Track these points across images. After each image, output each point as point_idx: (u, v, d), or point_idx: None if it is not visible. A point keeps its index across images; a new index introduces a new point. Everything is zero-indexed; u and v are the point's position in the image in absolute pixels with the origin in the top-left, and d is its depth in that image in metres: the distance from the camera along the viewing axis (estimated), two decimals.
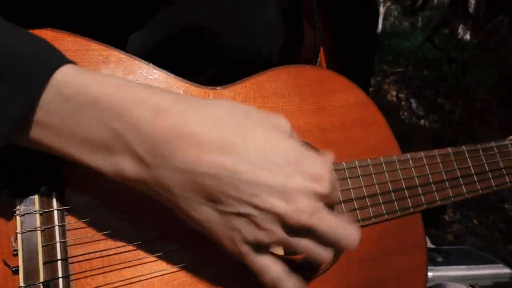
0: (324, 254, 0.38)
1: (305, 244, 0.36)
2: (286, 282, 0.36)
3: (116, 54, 0.44)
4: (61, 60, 0.32)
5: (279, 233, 0.34)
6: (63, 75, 0.32)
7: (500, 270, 1.31)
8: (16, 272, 0.35)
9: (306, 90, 0.55)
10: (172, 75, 0.46)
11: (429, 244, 1.80)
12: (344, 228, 0.37)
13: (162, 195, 0.34)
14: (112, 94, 0.32)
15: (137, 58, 0.45)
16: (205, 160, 0.32)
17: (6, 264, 0.35)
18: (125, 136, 0.31)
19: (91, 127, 0.31)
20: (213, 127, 0.33)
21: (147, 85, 0.35)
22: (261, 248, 0.36)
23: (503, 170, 0.64)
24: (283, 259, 0.37)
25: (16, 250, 0.35)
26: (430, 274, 1.34)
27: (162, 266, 0.40)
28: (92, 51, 0.42)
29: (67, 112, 0.31)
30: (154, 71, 0.45)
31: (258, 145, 0.34)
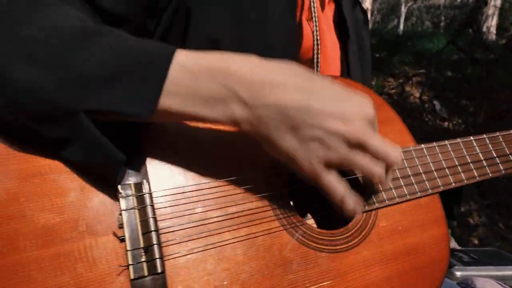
0: (377, 168, 0.49)
1: (362, 158, 0.48)
2: (349, 199, 0.49)
3: None
4: (173, 47, 0.44)
5: (343, 149, 0.46)
6: (182, 57, 0.44)
7: None
8: (122, 240, 0.45)
9: None
10: None
11: (456, 246, 1.82)
12: (389, 146, 0.49)
13: (261, 130, 0.46)
14: (219, 61, 0.45)
15: None
16: (289, 97, 0.45)
17: (115, 234, 0.45)
18: (234, 88, 0.44)
19: (209, 87, 0.44)
20: (293, 74, 0.47)
21: (239, 55, 0.47)
22: (331, 168, 0.48)
23: (509, 156, 0.72)
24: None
25: (121, 224, 0.46)
26: (458, 273, 1.38)
27: (234, 234, 0.50)
28: None
29: (192, 81, 0.43)
30: None
31: (327, 86, 0.48)
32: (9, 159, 0.45)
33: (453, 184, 0.66)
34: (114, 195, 0.47)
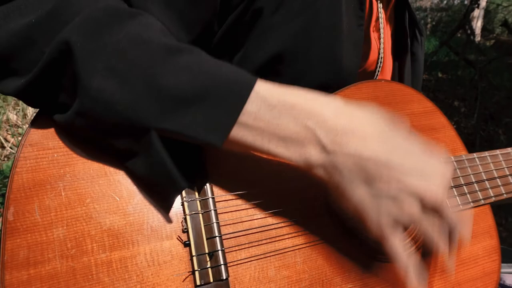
0: (441, 239, 0.44)
1: (432, 224, 0.44)
2: (412, 271, 0.45)
3: None
4: (254, 77, 0.42)
5: (417, 211, 0.42)
6: (263, 88, 0.42)
7: None
8: (187, 245, 0.45)
9: (383, 100, 0.65)
10: None
11: None
12: (460, 219, 0.45)
13: (333, 177, 0.43)
14: (304, 101, 0.42)
15: None
16: (369, 149, 0.42)
17: (179, 239, 0.45)
18: (315, 130, 0.41)
19: (289, 126, 0.41)
20: (375, 125, 0.43)
21: (322, 94, 0.45)
22: (397, 228, 0.43)
23: None
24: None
25: (186, 228, 0.45)
26: None
27: (294, 242, 0.49)
28: None
29: (272, 116, 0.41)
30: None
31: (408, 142, 0.44)
32: (75, 159, 0.44)
33: (505, 195, 0.65)
34: (178, 199, 0.46)
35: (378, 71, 0.73)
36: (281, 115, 0.42)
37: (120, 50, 0.40)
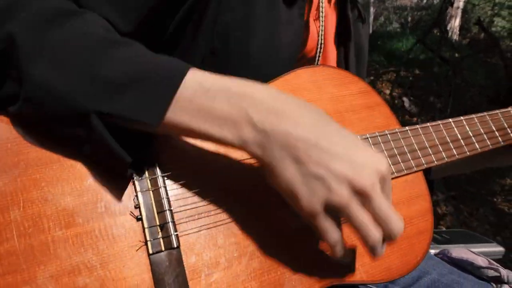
0: (374, 232, 0.45)
1: (362, 213, 0.45)
2: (340, 248, 0.48)
3: None
4: (189, 65, 0.46)
5: (346, 194, 0.44)
6: (199, 74, 0.45)
7: (494, 248, 1.43)
8: (139, 219, 0.49)
9: (322, 84, 0.71)
10: None
11: None
12: (394, 213, 0.46)
13: (264, 156, 0.45)
14: (238, 85, 0.46)
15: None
16: (301, 130, 0.44)
17: (132, 214, 0.49)
18: (248, 111, 0.44)
19: (223, 107, 0.45)
20: (308, 111, 0.47)
21: (262, 84, 0.48)
22: (329, 212, 0.45)
23: (484, 135, 0.79)
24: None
25: (137, 205, 0.49)
26: (432, 251, 1.46)
27: (241, 212, 0.54)
28: None
29: (206, 99, 0.45)
30: None
31: (341, 132, 0.47)
32: (29, 147, 0.48)
33: (435, 162, 0.72)
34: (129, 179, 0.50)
35: (319, 57, 0.79)
36: (215, 97, 0.45)
37: (62, 42, 0.44)
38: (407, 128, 0.73)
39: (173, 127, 0.46)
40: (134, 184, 0.50)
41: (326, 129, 0.46)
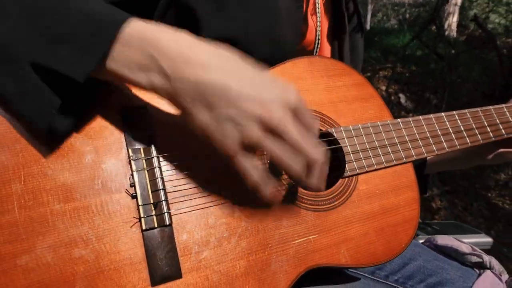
0: (294, 161, 0.47)
1: (278, 147, 0.46)
2: (264, 188, 0.49)
3: None
4: (125, 17, 0.47)
5: (257, 132, 0.45)
6: (130, 27, 0.47)
7: (482, 239, 1.46)
8: (134, 197, 0.51)
9: (317, 74, 0.72)
10: None
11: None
12: (312, 140, 0.47)
13: (179, 102, 0.47)
14: (151, 33, 0.47)
15: None
16: (207, 76, 0.46)
17: (127, 192, 0.51)
18: (157, 59, 0.46)
19: (138, 55, 0.46)
20: (217, 56, 0.48)
21: (175, 30, 0.48)
22: (248, 152, 0.47)
23: (475, 129, 0.81)
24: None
25: (133, 183, 0.52)
26: (421, 241, 1.49)
27: (233, 193, 0.56)
28: None
29: (129, 50, 0.46)
30: None
31: (248, 72, 0.48)
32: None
33: (425, 154, 0.74)
34: (126, 158, 0.53)
35: (316, 51, 0.81)
36: (132, 45, 0.46)
37: None
38: (399, 120, 0.74)
39: (104, 74, 0.48)
40: (130, 163, 0.52)
41: (236, 71, 0.47)
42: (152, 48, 0.46)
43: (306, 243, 0.59)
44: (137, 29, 0.47)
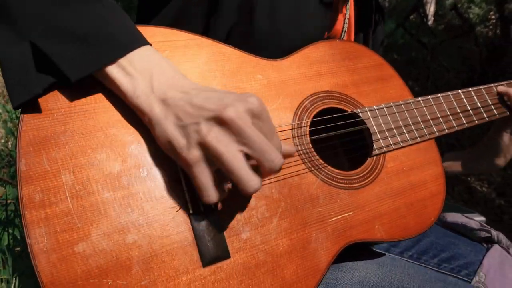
0: (239, 161, 0.45)
1: (227, 143, 0.45)
2: (209, 194, 0.47)
3: (198, 39, 0.62)
4: (137, 43, 0.51)
5: (215, 131, 0.45)
6: (137, 55, 0.50)
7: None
8: (179, 182, 0.52)
9: (338, 57, 0.74)
10: (247, 52, 0.65)
11: None
12: (273, 147, 0.46)
13: (152, 114, 0.49)
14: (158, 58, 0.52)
15: (211, 39, 0.62)
16: (173, 93, 0.49)
17: (172, 178, 0.52)
18: (152, 73, 0.50)
19: (137, 69, 0.50)
20: (196, 88, 0.50)
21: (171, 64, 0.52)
22: (209, 164, 0.47)
23: (492, 106, 0.83)
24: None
25: (176, 169, 0.53)
26: None
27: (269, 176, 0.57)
28: (178, 38, 0.60)
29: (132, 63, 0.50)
30: (231, 49, 0.63)
31: (211, 92, 0.49)
32: (73, 118, 0.51)
33: (446, 130, 0.76)
34: None
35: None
36: (136, 65, 0.50)
37: None
38: (419, 98, 0.76)
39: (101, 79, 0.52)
40: None
41: (208, 94, 0.49)
42: (152, 67, 0.50)
43: (342, 220, 0.60)
44: (147, 53, 0.51)
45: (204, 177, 0.47)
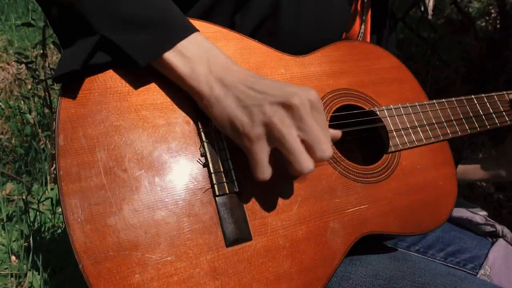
0: (293, 140, 0.49)
1: (293, 132, 0.49)
2: (263, 171, 0.52)
3: (226, 32, 0.64)
4: (193, 28, 0.55)
5: (279, 113, 0.49)
6: (197, 39, 0.55)
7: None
8: (205, 165, 0.55)
9: (357, 57, 0.76)
10: (271, 47, 0.67)
11: None
12: (327, 138, 0.51)
13: (210, 93, 0.53)
14: (208, 47, 0.56)
15: (238, 33, 0.65)
16: (241, 79, 0.53)
17: (199, 161, 0.55)
18: (208, 57, 0.54)
19: (195, 54, 0.54)
20: (248, 72, 0.55)
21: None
22: (269, 142, 0.51)
23: (504, 112, 0.85)
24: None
25: (204, 153, 0.55)
26: None
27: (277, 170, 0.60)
28: (207, 29, 0.63)
29: (188, 58, 0.54)
30: (256, 43, 0.66)
31: (266, 80, 0.54)
32: (109, 98, 0.53)
33: (459, 132, 0.78)
34: (195, 130, 0.56)
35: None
36: (193, 49, 0.54)
37: None
38: (434, 101, 0.79)
39: (162, 68, 0.55)
40: (199, 134, 0.56)
41: (261, 78, 0.54)
42: (207, 52, 0.54)
43: (358, 211, 0.62)
44: (199, 39, 0.55)
45: (264, 154, 0.51)
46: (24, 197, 1.54)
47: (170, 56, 0.53)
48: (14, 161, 1.95)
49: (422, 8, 1.20)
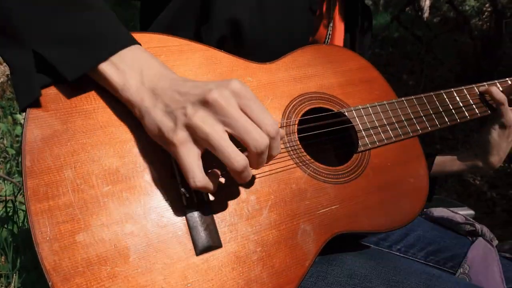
0: (231, 149, 0.48)
1: (219, 129, 0.48)
2: (195, 175, 0.49)
3: (191, 44, 0.66)
4: (127, 42, 0.54)
5: (200, 113, 0.48)
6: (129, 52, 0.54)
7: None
8: (174, 177, 0.56)
9: (325, 60, 0.78)
10: (238, 56, 0.69)
11: None
12: (252, 124, 0.48)
13: (141, 105, 0.52)
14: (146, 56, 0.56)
15: (204, 44, 0.67)
16: (162, 84, 0.53)
17: (168, 172, 0.56)
18: (142, 69, 0.54)
19: (129, 66, 0.54)
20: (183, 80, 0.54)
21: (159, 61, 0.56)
22: (195, 140, 0.49)
23: (473, 105, 0.87)
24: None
25: (171, 164, 0.56)
26: None
27: (259, 171, 0.61)
28: (172, 43, 0.65)
29: (120, 71, 0.54)
30: (222, 53, 0.68)
31: (194, 82, 0.53)
32: (74, 117, 0.55)
33: (429, 128, 0.80)
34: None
35: (327, 43, 0.86)
36: (127, 62, 0.54)
37: None
38: (403, 98, 0.80)
39: (95, 76, 0.55)
40: None
41: (184, 80, 0.53)
42: (141, 64, 0.54)
43: (329, 212, 0.64)
44: (136, 51, 0.55)
45: (191, 158, 0.49)
46: (13, 197, 1.54)
47: (106, 68, 0.53)
48: (5, 162, 1.94)
49: (417, 7, 1.22)
